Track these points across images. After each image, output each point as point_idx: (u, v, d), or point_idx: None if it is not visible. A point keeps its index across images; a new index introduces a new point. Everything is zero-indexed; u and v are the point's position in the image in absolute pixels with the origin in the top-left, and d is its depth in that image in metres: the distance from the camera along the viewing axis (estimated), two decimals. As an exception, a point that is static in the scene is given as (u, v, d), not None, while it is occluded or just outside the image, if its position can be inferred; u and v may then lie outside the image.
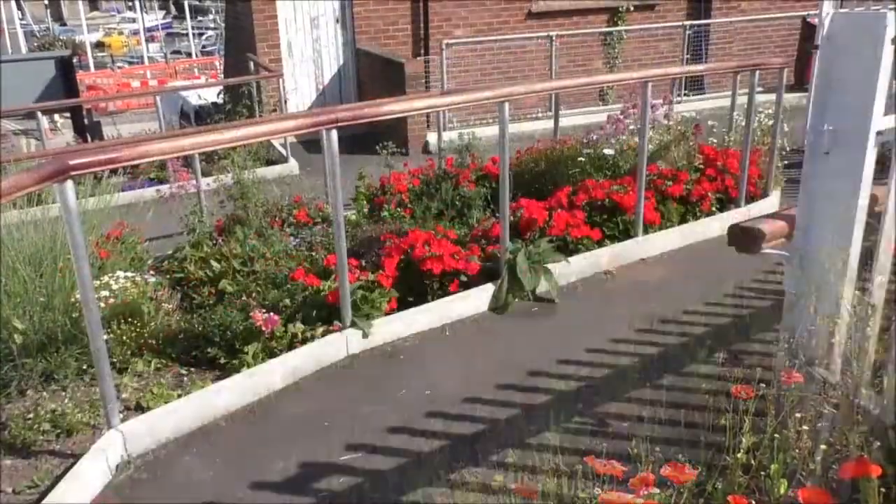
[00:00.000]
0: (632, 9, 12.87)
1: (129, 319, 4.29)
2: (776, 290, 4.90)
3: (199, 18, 36.98)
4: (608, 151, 6.48)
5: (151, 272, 5.15)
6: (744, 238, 2.04)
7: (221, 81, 12.97)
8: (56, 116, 17.37)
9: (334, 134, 3.79)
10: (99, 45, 33.47)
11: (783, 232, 2.02)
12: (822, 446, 1.97)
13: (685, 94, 12.31)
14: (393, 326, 4.34)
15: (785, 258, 1.94)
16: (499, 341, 4.31)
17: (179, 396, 3.74)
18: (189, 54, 31.70)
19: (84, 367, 3.99)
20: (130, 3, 38.83)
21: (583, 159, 6.51)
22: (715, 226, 5.92)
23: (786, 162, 6.93)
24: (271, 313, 4.21)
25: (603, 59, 13.39)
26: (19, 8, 32.25)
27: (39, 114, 8.97)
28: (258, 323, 4.16)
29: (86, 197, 6.20)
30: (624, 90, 9.29)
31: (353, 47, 12.24)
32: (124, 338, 4.21)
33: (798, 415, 1.90)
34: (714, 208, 6.15)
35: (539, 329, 4.45)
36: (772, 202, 6.38)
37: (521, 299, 4.79)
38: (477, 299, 4.66)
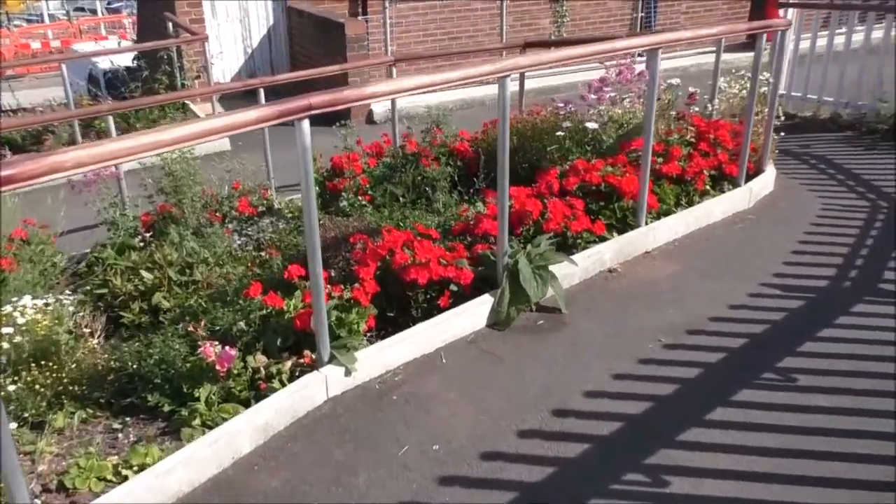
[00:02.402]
0: (579, -36, 12.16)
1: (43, 361, 3.39)
2: (801, 286, 4.33)
3: (104, -28, 34.29)
4: (591, 125, 5.76)
5: (68, 291, 4.21)
6: None
7: (138, 46, 11.61)
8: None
9: (306, 124, 2.93)
10: (-8, 2, 30.73)
11: None
12: None
13: (639, 55, 11.66)
14: (379, 358, 3.54)
15: None
16: (508, 368, 3.58)
17: (116, 467, 2.89)
18: (94, 11, 29.42)
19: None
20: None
21: (562, 133, 5.78)
22: (717, 209, 5.31)
23: (783, 134, 6.37)
24: (225, 347, 3.37)
25: (550, 18, 12.67)
26: None
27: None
28: (210, 359, 3.32)
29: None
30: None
31: (283, 5, 11.12)
32: (37, 386, 3.31)
33: None
34: (707, 186, 5.52)
35: (551, 349, 3.73)
36: (767, 178, 5.80)
37: (524, 310, 4.06)
38: (473, 315, 3.89)
